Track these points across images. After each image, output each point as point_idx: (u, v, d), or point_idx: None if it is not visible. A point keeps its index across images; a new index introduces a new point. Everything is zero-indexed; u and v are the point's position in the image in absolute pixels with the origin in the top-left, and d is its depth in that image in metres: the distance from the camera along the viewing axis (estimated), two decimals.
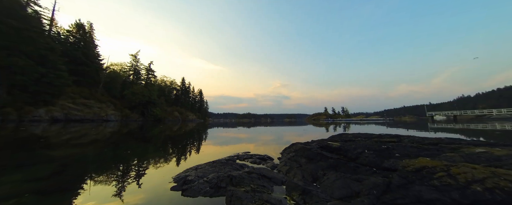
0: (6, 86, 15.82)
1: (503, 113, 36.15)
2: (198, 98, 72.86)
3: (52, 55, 19.07)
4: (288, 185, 2.15)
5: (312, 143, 3.70)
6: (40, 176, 2.54)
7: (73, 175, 2.66)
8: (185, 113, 53.05)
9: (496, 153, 1.90)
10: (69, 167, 3.06)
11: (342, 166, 2.31)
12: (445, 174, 1.53)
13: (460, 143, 2.66)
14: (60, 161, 3.36)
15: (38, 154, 3.98)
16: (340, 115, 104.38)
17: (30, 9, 18.87)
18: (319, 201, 1.72)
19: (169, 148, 5.49)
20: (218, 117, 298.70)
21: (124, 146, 5.66)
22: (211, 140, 7.68)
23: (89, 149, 4.77)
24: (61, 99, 20.88)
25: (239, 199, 1.70)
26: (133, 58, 40.89)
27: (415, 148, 2.51)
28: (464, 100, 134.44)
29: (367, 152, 2.46)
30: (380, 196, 1.57)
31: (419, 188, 1.48)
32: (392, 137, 3.70)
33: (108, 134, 8.97)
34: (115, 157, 4.19)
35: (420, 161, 1.83)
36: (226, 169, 2.72)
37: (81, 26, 29.58)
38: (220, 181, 2.18)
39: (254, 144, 6.30)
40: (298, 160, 2.94)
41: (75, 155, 3.89)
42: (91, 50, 30.13)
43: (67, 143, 5.56)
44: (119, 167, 3.19)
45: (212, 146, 5.82)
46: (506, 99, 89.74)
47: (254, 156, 3.83)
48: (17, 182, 2.30)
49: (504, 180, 1.32)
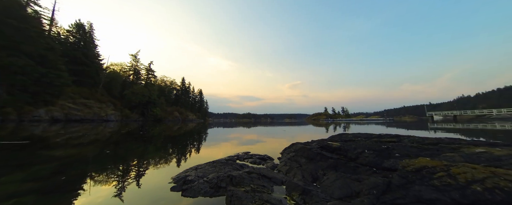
0: (6, 86, 15.82)
1: (503, 113, 36.18)
2: (198, 98, 72.90)
3: (52, 55, 19.08)
4: (288, 185, 2.15)
5: (312, 143, 3.70)
6: (40, 176, 2.54)
7: (73, 175, 2.66)
8: (185, 113, 53.08)
9: (496, 153, 1.90)
10: (69, 167, 3.05)
11: (342, 166, 2.31)
12: (445, 174, 1.53)
13: (460, 143, 2.66)
14: (60, 161, 3.36)
15: (38, 154, 3.98)
16: (340, 115, 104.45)
17: (30, 9, 18.88)
18: (319, 201, 1.72)
19: (169, 148, 5.50)
20: (218, 117, 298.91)
21: (124, 146, 5.66)
22: (211, 140, 7.68)
23: (89, 149, 4.76)
24: (61, 99, 20.88)
25: (239, 199, 1.70)
26: (133, 58, 40.90)
27: (415, 148, 2.51)
28: (464, 100, 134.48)
29: (367, 152, 2.46)
30: (380, 196, 1.57)
31: (419, 188, 1.48)
32: (392, 137, 3.70)
33: (108, 134, 8.97)
34: (115, 157, 4.19)
35: (420, 161, 1.83)
36: (226, 169, 2.72)
37: (81, 26, 29.59)
38: (220, 181, 2.18)
39: (254, 144, 6.31)
40: (298, 160, 2.94)
41: (75, 155, 3.88)
42: (91, 50, 30.15)
43: (67, 143, 5.56)
44: (119, 167, 3.19)
45: (212, 146, 5.82)
46: (506, 99, 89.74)
47: (254, 156, 3.83)
48: (17, 182, 2.29)
49: (504, 180, 1.32)
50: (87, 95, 26.48)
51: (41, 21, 20.64)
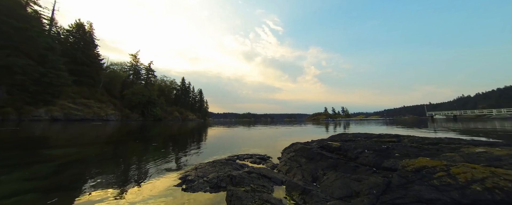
0: (6, 86, 15.82)
1: (503, 113, 36.19)
2: (198, 98, 72.89)
3: (52, 54, 19.07)
4: (288, 185, 2.15)
5: (312, 143, 3.70)
6: (40, 175, 2.54)
7: (73, 174, 2.66)
8: (185, 113, 53.08)
9: (496, 153, 1.90)
10: (69, 167, 3.05)
11: (342, 166, 2.31)
12: (445, 173, 1.53)
13: (460, 143, 2.66)
14: (60, 161, 3.36)
15: (38, 154, 3.97)
16: (340, 115, 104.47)
17: (30, 9, 18.86)
18: (319, 201, 1.72)
19: (169, 148, 5.50)
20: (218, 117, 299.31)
21: (123, 146, 5.66)
22: (211, 140, 7.68)
23: (89, 149, 4.76)
24: (61, 98, 20.88)
25: (239, 198, 1.70)
26: (133, 58, 40.89)
27: (415, 148, 2.51)
28: (464, 100, 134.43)
29: (367, 152, 2.46)
30: (380, 195, 1.57)
31: (419, 188, 1.48)
32: (392, 137, 3.70)
33: (108, 134, 8.98)
34: (114, 157, 4.19)
35: (420, 161, 1.83)
36: (226, 169, 2.72)
37: (81, 26, 29.57)
38: (220, 181, 2.19)
39: (254, 144, 6.31)
40: (298, 160, 2.94)
41: (75, 155, 3.88)
42: (91, 50, 30.14)
43: (67, 143, 5.55)
44: (118, 167, 3.18)
45: (212, 146, 5.82)
46: (506, 99, 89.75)
47: (254, 156, 3.83)
48: (17, 181, 2.30)
49: (503, 180, 1.32)
50: (87, 95, 26.48)
51: (41, 20, 20.63)
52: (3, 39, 14.99)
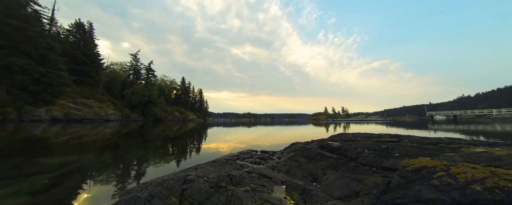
0: (6, 86, 15.82)
1: (503, 113, 36.18)
2: (198, 97, 72.87)
3: (52, 54, 19.06)
4: (288, 185, 2.15)
5: (312, 143, 3.70)
6: (37, 189, 2.35)
7: (71, 187, 2.47)
8: (185, 113, 53.04)
9: (496, 153, 1.90)
10: (67, 178, 2.79)
11: (342, 166, 2.31)
12: (445, 173, 1.53)
13: (460, 143, 2.66)
14: (58, 172, 3.07)
15: (36, 163, 3.58)
16: (340, 115, 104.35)
17: (30, 9, 18.84)
18: (319, 200, 1.72)
19: (169, 148, 5.50)
20: (218, 117, 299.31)
21: (124, 146, 5.66)
22: (211, 139, 7.68)
23: (88, 156, 4.31)
24: (61, 98, 20.87)
25: (239, 198, 1.70)
26: (133, 58, 40.89)
27: (415, 148, 2.51)
28: (464, 100, 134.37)
29: (367, 152, 2.46)
30: (380, 195, 1.57)
31: (419, 188, 1.48)
32: (392, 137, 3.70)
33: (108, 134, 8.97)
34: (114, 157, 4.19)
35: (420, 161, 1.83)
36: (226, 168, 2.72)
37: (81, 25, 29.57)
38: (220, 181, 2.19)
39: (254, 144, 6.31)
40: (298, 159, 2.94)
41: (74, 164, 3.57)
42: (91, 49, 30.12)
43: (66, 148, 5.29)
44: (118, 175, 3.02)
45: (212, 146, 5.82)
46: (506, 99, 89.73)
47: (254, 156, 3.83)
48: (14, 196, 2.11)
49: (503, 180, 1.32)
50: (87, 95, 26.47)
51: (41, 20, 20.62)
52: (3, 39, 14.99)
